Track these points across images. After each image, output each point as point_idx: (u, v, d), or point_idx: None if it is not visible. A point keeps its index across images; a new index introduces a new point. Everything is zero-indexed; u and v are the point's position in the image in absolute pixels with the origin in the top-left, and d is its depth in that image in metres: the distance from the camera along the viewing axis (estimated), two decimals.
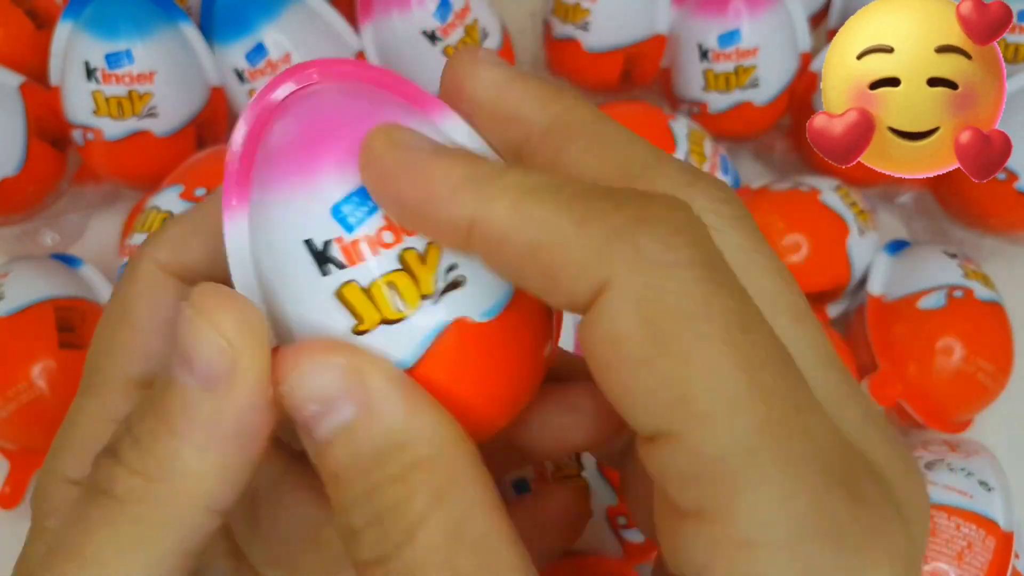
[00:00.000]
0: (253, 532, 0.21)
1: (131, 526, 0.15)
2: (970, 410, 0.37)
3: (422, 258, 0.14)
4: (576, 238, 0.13)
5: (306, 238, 0.14)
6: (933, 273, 0.37)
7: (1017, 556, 0.31)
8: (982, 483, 0.32)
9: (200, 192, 0.29)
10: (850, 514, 0.12)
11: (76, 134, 0.38)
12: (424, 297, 0.14)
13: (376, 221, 0.14)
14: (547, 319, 0.16)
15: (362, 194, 0.14)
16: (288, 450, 0.20)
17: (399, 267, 0.14)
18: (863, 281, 0.39)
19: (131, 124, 0.37)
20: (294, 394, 0.14)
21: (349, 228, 0.14)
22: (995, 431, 0.38)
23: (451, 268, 0.15)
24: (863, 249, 0.39)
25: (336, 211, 0.14)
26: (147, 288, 0.18)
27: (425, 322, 0.14)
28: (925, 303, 0.36)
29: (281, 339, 0.15)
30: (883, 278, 0.39)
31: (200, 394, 0.14)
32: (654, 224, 0.13)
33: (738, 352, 0.12)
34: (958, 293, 0.36)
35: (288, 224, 0.14)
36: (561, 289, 0.13)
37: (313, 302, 0.14)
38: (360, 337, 0.14)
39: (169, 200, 0.29)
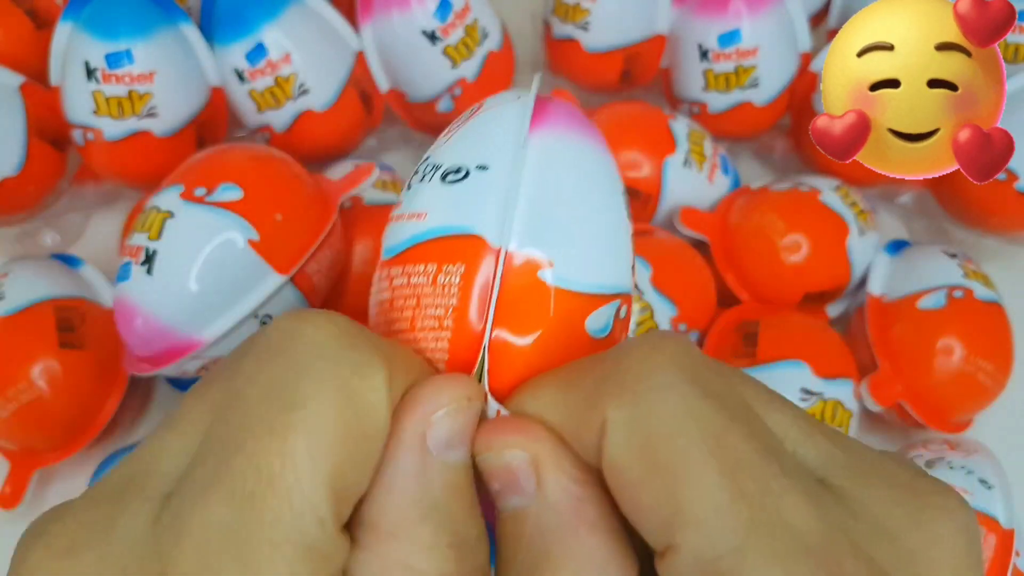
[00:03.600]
0: None
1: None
2: (970, 410, 0.37)
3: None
4: (567, 401, 0.15)
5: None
6: (933, 273, 0.37)
7: (1018, 554, 0.31)
8: (982, 481, 0.32)
9: (200, 192, 0.29)
10: None
11: (76, 134, 0.38)
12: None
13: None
14: None
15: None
16: None
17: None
18: (863, 281, 0.39)
19: (131, 124, 0.37)
20: (488, 464, 0.16)
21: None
22: (995, 431, 0.38)
23: None
24: (863, 249, 0.39)
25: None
26: None
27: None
28: (925, 303, 0.36)
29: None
30: (883, 278, 0.39)
31: (406, 449, 0.15)
32: (636, 359, 0.15)
33: (717, 460, 0.14)
34: (958, 293, 0.36)
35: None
36: (583, 450, 0.15)
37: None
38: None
39: (169, 200, 0.29)
